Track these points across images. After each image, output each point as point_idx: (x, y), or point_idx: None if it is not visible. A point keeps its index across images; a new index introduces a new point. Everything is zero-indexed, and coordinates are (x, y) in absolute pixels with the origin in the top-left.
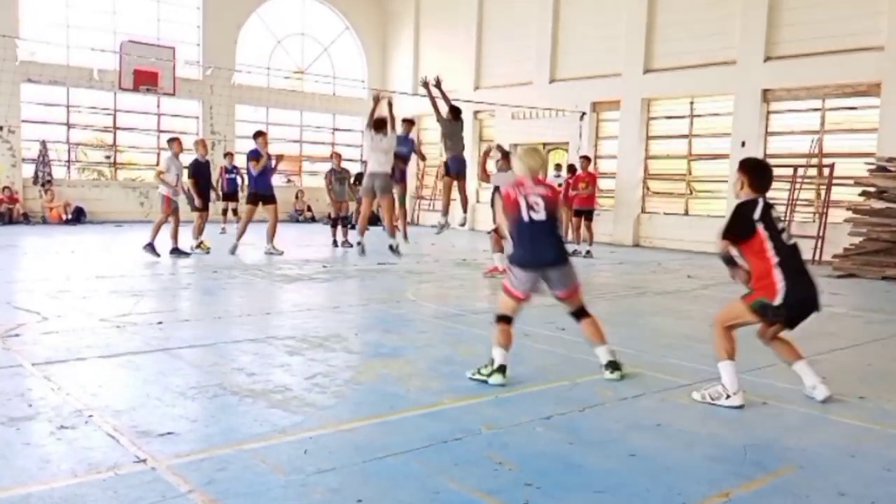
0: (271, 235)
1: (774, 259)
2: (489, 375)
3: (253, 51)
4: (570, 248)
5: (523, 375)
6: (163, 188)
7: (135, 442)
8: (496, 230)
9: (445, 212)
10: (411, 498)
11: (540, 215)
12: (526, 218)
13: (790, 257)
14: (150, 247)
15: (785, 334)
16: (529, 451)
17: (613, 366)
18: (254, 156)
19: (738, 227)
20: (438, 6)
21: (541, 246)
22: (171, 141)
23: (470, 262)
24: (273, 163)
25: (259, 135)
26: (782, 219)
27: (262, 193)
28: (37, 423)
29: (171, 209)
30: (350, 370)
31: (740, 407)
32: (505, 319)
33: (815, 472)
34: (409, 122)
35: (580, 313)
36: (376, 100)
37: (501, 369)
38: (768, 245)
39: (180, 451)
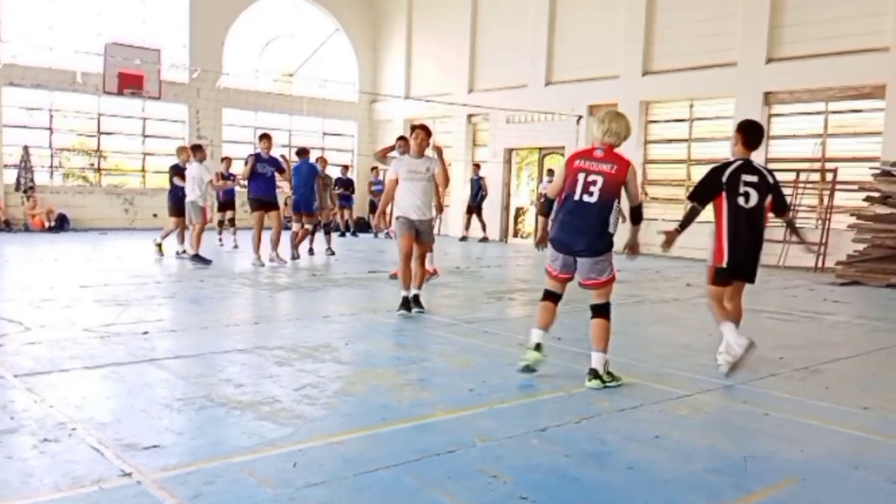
0: (275, 243)
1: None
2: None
3: (241, 53)
4: None
5: (518, 386)
6: (203, 198)
7: (120, 455)
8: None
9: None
10: None
11: (592, 198)
12: (577, 197)
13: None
14: (198, 257)
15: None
16: (524, 463)
17: (592, 374)
18: (279, 165)
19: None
20: (431, 6)
21: (576, 230)
22: (198, 148)
23: (462, 271)
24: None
25: (267, 138)
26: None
27: (270, 200)
28: (19, 436)
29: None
30: (340, 381)
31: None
32: (550, 296)
33: (818, 484)
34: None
35: (596, 310)
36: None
37: (537, 347)
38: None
39: (166, 464)
